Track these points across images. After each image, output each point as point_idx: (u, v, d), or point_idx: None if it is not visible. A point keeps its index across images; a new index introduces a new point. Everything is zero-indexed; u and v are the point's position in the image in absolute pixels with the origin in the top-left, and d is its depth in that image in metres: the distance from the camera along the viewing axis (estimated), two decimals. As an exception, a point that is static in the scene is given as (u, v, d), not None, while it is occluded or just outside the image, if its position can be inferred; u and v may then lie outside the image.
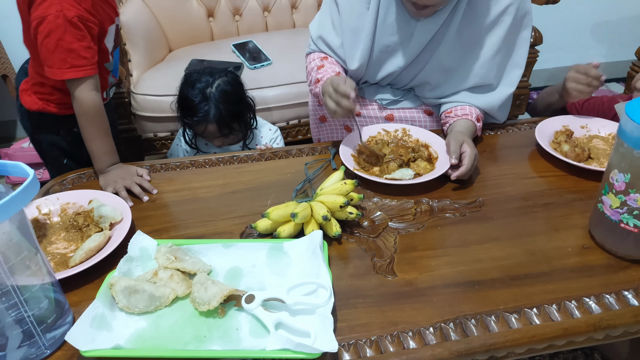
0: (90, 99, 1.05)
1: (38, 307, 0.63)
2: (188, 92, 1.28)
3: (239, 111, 1.32)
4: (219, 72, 1.32)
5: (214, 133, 1.29)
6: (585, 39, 2.81)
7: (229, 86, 1.29)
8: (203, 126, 1.28)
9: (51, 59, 1.01)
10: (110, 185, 1.00)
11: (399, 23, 1.09)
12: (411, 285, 0.75)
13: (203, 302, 0.68)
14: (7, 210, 0.55)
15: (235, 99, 1.31)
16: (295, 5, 2.24)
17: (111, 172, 1.04)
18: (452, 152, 0.98)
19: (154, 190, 1.01)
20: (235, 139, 1.36)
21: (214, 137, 1.32)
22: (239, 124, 1.33)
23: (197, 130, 1.32)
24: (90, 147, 1.07)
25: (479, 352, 0.66)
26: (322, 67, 1.18)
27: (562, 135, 1.11)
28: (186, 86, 1.30)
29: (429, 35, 1.09)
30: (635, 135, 0.70)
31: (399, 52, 1.14)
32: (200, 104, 1.26)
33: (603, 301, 0.72)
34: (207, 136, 1.32)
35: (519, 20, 1.09)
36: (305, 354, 0.61)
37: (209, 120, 1.26)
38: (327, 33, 1.20)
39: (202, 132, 1.30)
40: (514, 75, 1.15)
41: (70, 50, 1.01)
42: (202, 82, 1.28)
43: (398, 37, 1.11)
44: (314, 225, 0.84)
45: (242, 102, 1.34)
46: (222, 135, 1.31)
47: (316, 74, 1.17)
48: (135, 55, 1.87)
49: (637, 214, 0.74)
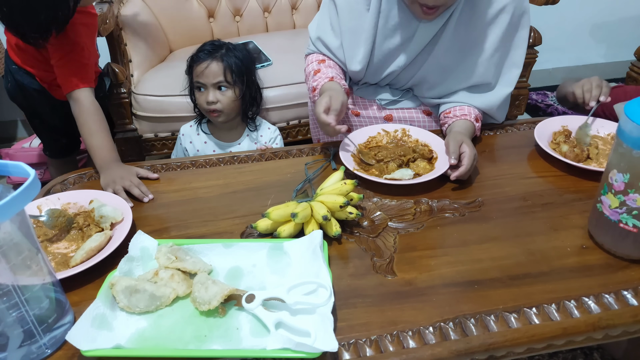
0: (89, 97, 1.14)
1: (39, 307, 0.63)
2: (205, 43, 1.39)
3: (245, 71, 1.37)
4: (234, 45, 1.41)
5: (215, 73, 1.31)
6: (585, 39, 2.81)
7: (241, 52, 1.39)
8: (206, 63, 1.32)
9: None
10: (110, 186, 1.01)
11: (401, 25, 1.09)
12: (411, 285, 0.76)
13: (203, 301, 0.68)
14: (7, 210, 0.55)
15: (245, 60, 1.38)
16: (296, 6, 2.24)
17: (112, 170, 1.04)
18: (451, 153, 0.98)
19: (149, 195, 0.99)
20: (232, 105, 1.36)
21: (211, 84, 1.33)
22: (241, 83, 1.34)
23: (199, 70, 1.33)
24: (89, 142, 1.10)
25: (478, 352, 0.67)
26: (319, 71, 1.17)
27: (561, 136, 1.11)
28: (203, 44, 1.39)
29: (429, 35, 1.09)
30: (635, 136, 0.70)
31: (399, 53, 1.14)
32: (214, 46, 1.36)
33: (602, 301, 0.72)
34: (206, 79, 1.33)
35: (517, 20, 1.09)
36: (305, 354, 0.61)
37: (215, 58, 1.32)
38: (326, 34, 1.20)
39: (204, 70, 1.32)
40: (512, 75, 1.15)
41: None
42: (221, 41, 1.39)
43: (400, 38, 1.11)
44: (314, 225, 0.84)
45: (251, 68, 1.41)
46: (224, 81, 1.32)
47: (312, 80, 1.17)
48: (136, 56, 1.87)
49: (636, 214, 0.74)
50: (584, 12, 2.69)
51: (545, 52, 2.15)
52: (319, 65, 1.20)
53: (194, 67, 1.35)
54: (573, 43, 2.78)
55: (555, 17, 2.48)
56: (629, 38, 2.74)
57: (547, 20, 2.25)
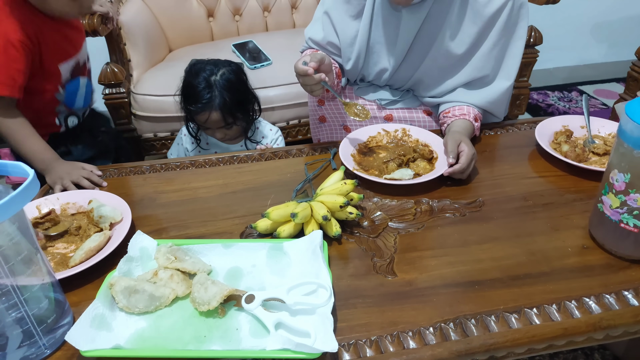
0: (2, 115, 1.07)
1: (38, 307, 0.63)
2: (192, 79, 1.28)
3: (242, 100, 1.32)
4: (222, 62, 1.32)
5: (217, 122, 1.29)
6: (585, 39, 2.81)
7: (233, 75, 1.30)
8: (206, 114, 1.28)
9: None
10: (57, 183, 1.01)
11: (387, 19, 1.11)
12: (411, 285, 0.75)
13: (203, 302, 0.68)
14: (7, 210, 0.55)
15: (239, 88, 1.31)
16: (295, 6, 2.24)
17: (56, 168, 1.05)
18: (450, 152, 0.98)
19: (103, 183, 1.02)
20: (238, 131, 1.35)
21: (216, 128, 1.31)
22: (243, 114, 1.33)
23: (200, 120, 1.30)
24: (22, 150, 1.09)
25: (478, 352, 0.66)
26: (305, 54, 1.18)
27: (562, 136, 1.11)
28: (190, 75, 1.29)
29: (413, 29, 1.09)
30: (635, 135, 0.70)
31: (388, 49, 1.14)
32: (204, 90, 1.26)
33: (603, 301, 0.72)
34: (210, 126, 1.31)
35: (516, 12, 1.09)
36: (305, 354, 0.61)
37: (213, 107, 1.26)
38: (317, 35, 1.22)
39: (205, 120, 1.29)
40: (511, 68, 1.14)
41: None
42: (207, 71, 1.28)
43: (384, 33, 1.12)
44: (314, 225, 0.84)
45: (246, 91, 1.35)
46: (226, 125, 1.30)
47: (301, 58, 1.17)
48: (135, 55, 1.87)
49: (637, 214, 0.74)
50: (585, 11, 2.69)
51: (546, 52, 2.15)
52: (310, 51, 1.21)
53: (195, 116, 1.31)
54: (574, 42, 2.78)
55: (556, 16, 2.47)
56: (630, 37, 2.74)
57: (548, 19, 2.25)
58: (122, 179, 1.07)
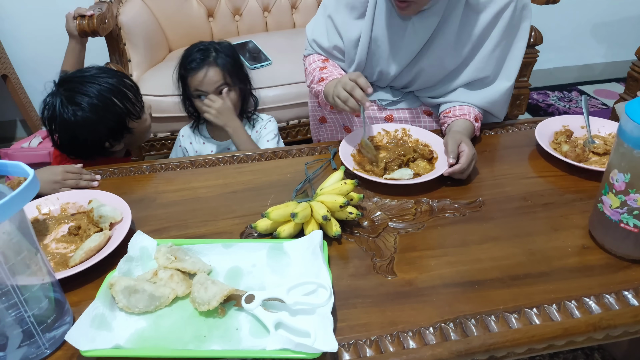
0: None
1: (38, 307, 0.63)
2: (188, 50, 1.35)
3: (236, 66, 1.35)
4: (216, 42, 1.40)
5: (214, 81, 1.29)
6: (585, 39, 2.81)
7: (228, 47, 1.37)
8: (203, 72, 1.29)
9: None
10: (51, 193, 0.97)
11: (391, 22, 1.10)
12: (411, 285, 0.75)
13: (203, 302, 0.68)
14: (7, 210, 0.55)
15: (234, 56, 1.37)
16: (295, 6, 2.24)
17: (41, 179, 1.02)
18: (450, 152, 0.98)
19: (94, 184, 1.03)
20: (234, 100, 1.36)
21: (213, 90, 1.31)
22: (239, 80, 1.34)
23: (197, 80, 1.31)
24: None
25: (478, 352, 0.66)
26: (325, 68, 1.19)
27: (562, 136, 1.11)
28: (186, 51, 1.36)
29: (423, 38, 1.09)
30: (635, 135, 0.70)
31: (392, 52, 1.14)
32: (200, 52, 1.32)
33: (603, 301, 0.72)
34: (207, 88, 1.31)
35: (519, 13, 1.09)
36: (305, 354, 0.61)
37: (210, 64, 1.29)
38: (321, 37, 1.22)
39: (202, 80, 1.30)
40: (512, 69, 1.14)
41: None
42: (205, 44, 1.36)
43: (389, 37, 1.12)
44: (314, 225, 0.84)
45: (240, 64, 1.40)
46: (224, 84, 1.31)
47: (320, 73, 1.18)
48: (135, 56, 1.87)
49: (637, 214, 0.74)
50: (585, 11, 2.69)
51: (546, 52, 2.15)
52: (324, 63, 1.22)
53: (189, 77, 1.33)
54: (574, 43, 2.78)
55: (556, 16, 2.48)
56: (630, 38, 2.74)
57: (548, 19, 2.25)
58: (122, 179, 1.07)
